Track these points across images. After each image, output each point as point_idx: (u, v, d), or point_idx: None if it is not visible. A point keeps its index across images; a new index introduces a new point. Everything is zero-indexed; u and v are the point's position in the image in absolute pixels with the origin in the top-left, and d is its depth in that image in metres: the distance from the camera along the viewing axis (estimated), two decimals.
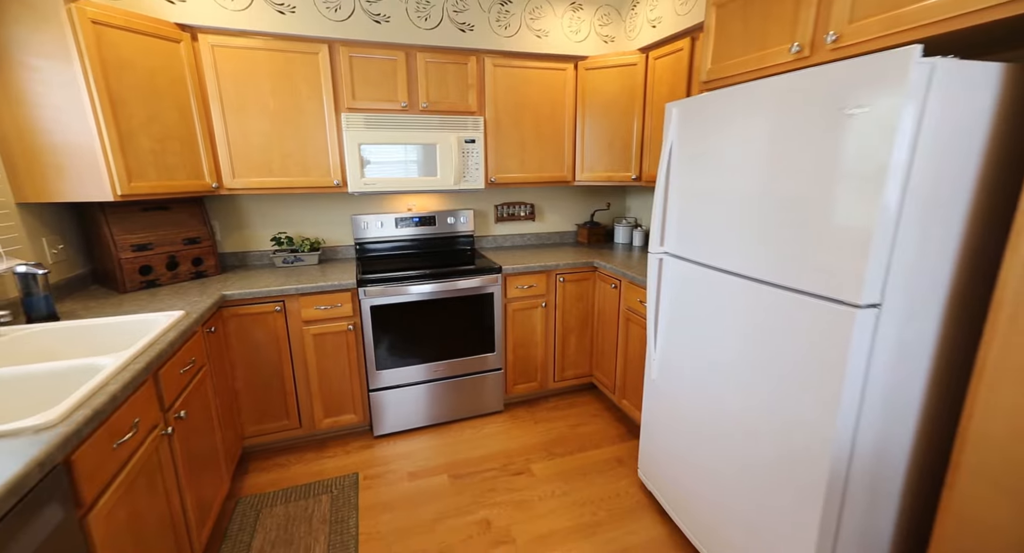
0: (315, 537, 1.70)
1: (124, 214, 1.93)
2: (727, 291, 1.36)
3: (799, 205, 1.12)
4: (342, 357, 2.19)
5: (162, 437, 1.30)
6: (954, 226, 1.01)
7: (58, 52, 1.56)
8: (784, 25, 1.35)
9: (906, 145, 0.92)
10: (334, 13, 2.09)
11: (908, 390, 1.10)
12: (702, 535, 1.54)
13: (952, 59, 0.90)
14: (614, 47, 2.59)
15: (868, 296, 1.00)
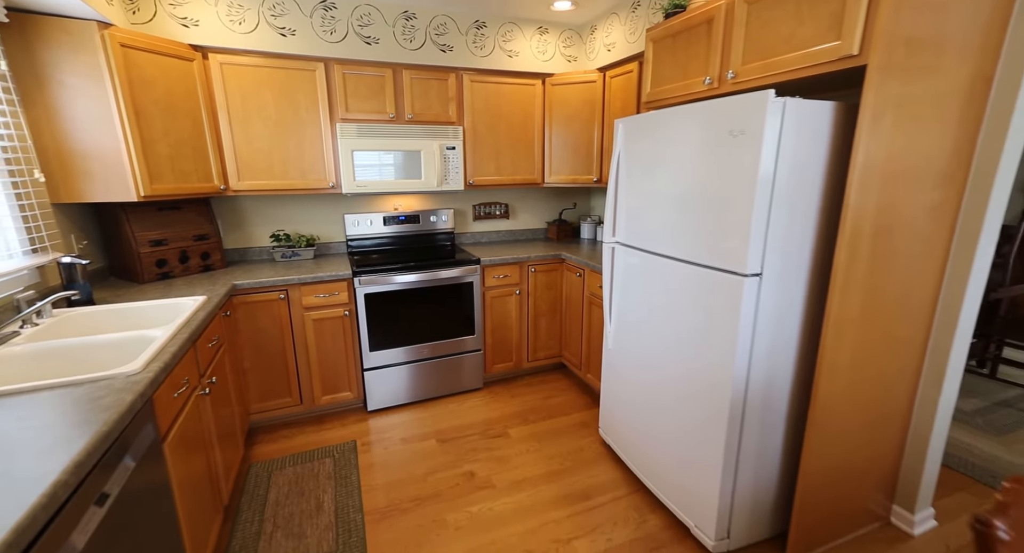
0: (323, 489, 1.98)
1: (142, 213, 2.16)
2: (660, 270, 1.72)
3: (708, 201, 1.48)
4: (339, 340, 2.46)
5: (201, 396, 1.56)
6: (810, 215, 1.39)
7: (92, 72, 1.79)
8: (700, 62, 1.73)
9: (771, 158, 1.30)
10: (330, 35, 2.37)
11: (785, 337, 1.48)
12: (647, 471, 1.90)
13: (797, 99, 1.27)
14: (576, 66, 2.95)
15: (752, 267, 1.37)
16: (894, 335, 1.52)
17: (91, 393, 1.05)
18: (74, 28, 1.73)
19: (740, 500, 1.58)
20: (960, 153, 1.42)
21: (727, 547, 1.61)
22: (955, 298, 1.52)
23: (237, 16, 2.19)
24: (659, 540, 1.69)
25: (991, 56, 1.34)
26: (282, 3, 2.26)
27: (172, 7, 2.08)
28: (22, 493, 0.72)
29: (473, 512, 1.84)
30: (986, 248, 1.47)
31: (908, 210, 1.40)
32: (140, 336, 1.45)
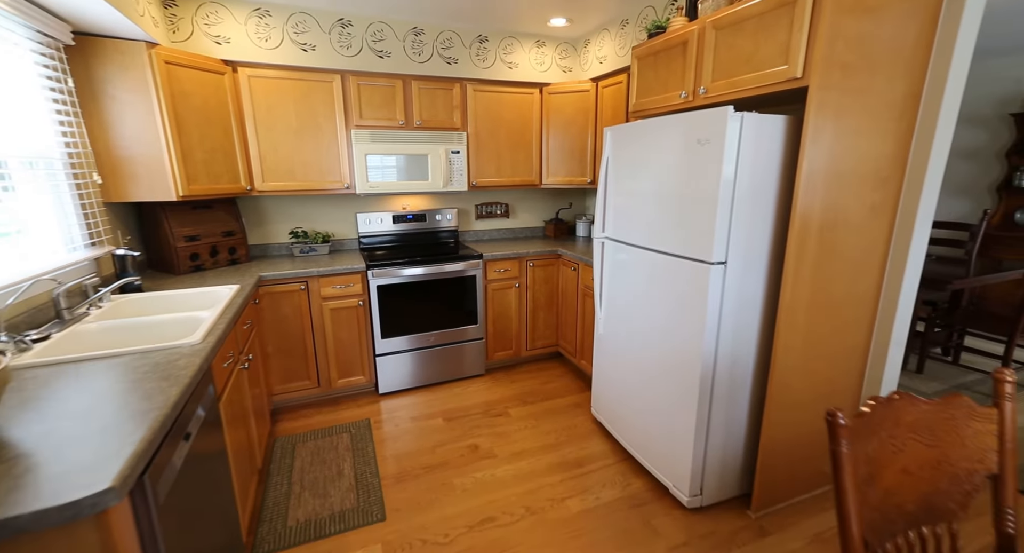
0: (342, 459, 2.21)
1: (178, 211, 2.39)
2: (643, 260, 1.95)
3: (681, 200, 1.71)
4: (353, 328, 2.69)
5: (241, 370, 1.80)
6: (768, 212, 1.62)
7: (140, 87, 2.03)
8: (677, 78, 1.96)
9: (732, 163, 1.53)
10: (346, 50, 2.61)
11: (748, 318, 1.71)
12: (632, 442, 2.13)
13: (753, 113, 1.50)
14: (571, 76, 3.19)
15: (717, 256, 1.60)
16: (843, 318, 1.75)
17: (166, 358, 1.28)
18: (126, 48, 1.97)
19: (711, 463, 1.82)
20: (896, 159, 1.65)
21: (700, 503, 1.84)
22: (895, 285, 1.75)
23: (264, 34, 2.43)
24: (642, 499, 1.92)
25: (918, 77, 1.58)
26: (304, 21, 2.50)
27: (207, 26, 2.32)
28: (142, 421, 0.95)
29: (477, 477, 2.07)
30: (920, 240, 1.70)
31: (851, 209, 1.63)
32: (191, 316, 1.68)
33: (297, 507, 1.89)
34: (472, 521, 1.81)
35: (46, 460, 0.83)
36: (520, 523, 1.80)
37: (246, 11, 2.39)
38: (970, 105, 4.04)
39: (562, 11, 2.66)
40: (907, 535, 0.83)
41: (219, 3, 2.34)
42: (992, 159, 3.92)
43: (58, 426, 0.94)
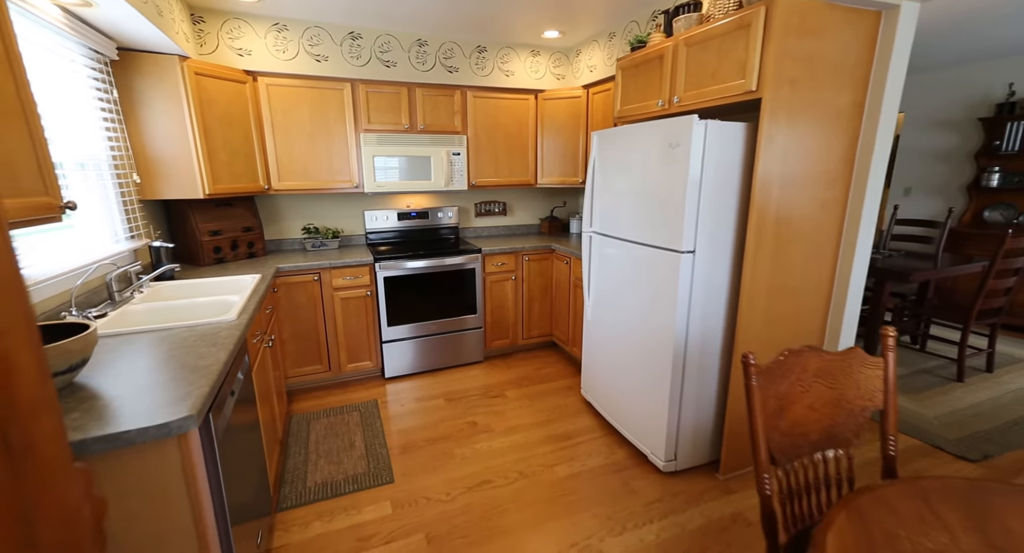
0: (353, 433, 2.43)
1: (203, 208, 2.62)
2: (625, 251, 2.18)
3: (657, 196, 1.94)
4: (362, 316, 2.92)
5: (266, 348, 2.02)
6: (731, 207, 1.84)
7: (173, 96, 2.26)
8: (655, 88, 2.19)
9: (698, 164, 1.75)
10: (356, 60, 2.84)
11: (715, 302, 1.93)
12: (617, 417, 2.36)
13: (716, 121, 1.73)
14: (564, 83, 3.41)
15: (687, 246, 1.83)
16: (800, 302, 1.97)
17: (210, 330, 1.51)
18: (162, 61, 2.20)
19: (683, 432, 2.04)
20: (844, 161, 1.87)
21: (675, 467, 2.07)
22: (846, 273, 1.97)
23: (281, 46, 2.66)
24: (623, 465, 2.14)
25: (861, 89, 1.80)
26: (318, 35, 2.73)
27: (231, 40, 2.55)
28: (203, 374, 1.18)
29: (476, 448, 2.30)
30: (867, 233, 1.93)
31: (804, 205, 1.85)
32: (222, 300, 1.91)
33: (315, 472, 2.11)
34: (471, 483, 2.03)
35: (137, 398, 1.06)
36: (514, 485, 2.02)
37: (266, 26, 2.62)
38: (944, 111, 4.27)
39: (555, 24, 2.89)
40: (812, 457, 1.06)
41: (241, 19, 2.57)
42: (964, 161, 4.14)
43: (137, 377, 1.17)
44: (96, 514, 0.61)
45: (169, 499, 1.03)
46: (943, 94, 4.26)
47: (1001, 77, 3.85)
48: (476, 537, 1.72)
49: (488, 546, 1.68)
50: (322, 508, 1.88)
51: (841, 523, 0.82)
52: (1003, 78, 3.83)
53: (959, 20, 2.97)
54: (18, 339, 0.50)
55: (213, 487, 1.11)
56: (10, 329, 0.48)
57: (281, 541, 1.72)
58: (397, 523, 1.80)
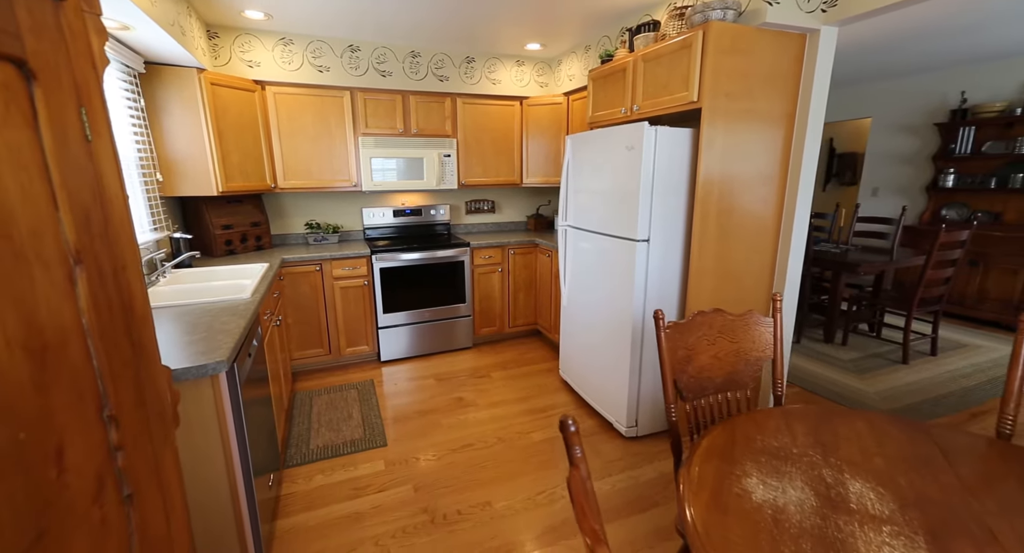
0: (351, 406, 2.70)
1: (216, 205, 2.90)
2: (594, 242, 2.45)
3: (617, 192, 2.21)
4: (359, 304, 3.19)
5: (275, 327, 2.29)
6: (680, 201, 2.12)
7: (191, 104, 2.53)
8: (619, 97, 2.46)
9: (650, 165, 2.03)
10: (355, 71, 3.12)
11: (669, 285, 2.20)
12: (588, 392, 2.62)
13: (665, 127, 2.00)
14: (547, 91, 3.70)
15: (642, 235, 2.10)
16: (744, 286, 2.24)
17: (229, 305, 1.78)
18: (183, 73, 2.48)
19: (643, 402, 2.30)
20: (780, 162, 2.15)
21: (636, 433, 2.33)
22: (783, 261, 2.25)
23: (287, 58, 2.94)
24: (592, 432, 2.41)
25: (791, 99, 2.08)
26: (320, 48, 3.01)
27: (242, 53, 2.83)
28: (228, 335, 1.45)
29: (460, 418, 2.56)
30: (801, 226, 2.20)
31: (745, 200, 2.13)
32: (236, 283, 2.18)
33: (317, 437, 2.38)
34: (454, 446, 2.30)
35: (178, 350, 1.33)
36: (493, 448, 2.28)
37: (273, 40, 2.90)
38: (907, 116, 4.55)
39: (536, 38, 3.17)
40: (716, 396, 1.33)
41: (252, 34, 2.85)
42: (924, 163, 4.42)
43: (175, 337, 1.44)
44: (174, 400, 0.88)
45: (205, 429, 1.30)
46: (905, 101, 4.54)
47: (955, 85, 4.13)
48: (457, 487, 1.99)
49: (467, 493, 1.94)
50: (323, 465, 2.15)
51: (717, 431, 1.09)
52: (957, 86, 4.12)
53: (903, 36, 3.25)
54: (134, 272, 0.77)
55: (236, 424, 1.38)
56: (129, 264, 0.76)
57: (288, 490, 1.99)
58: (389, 477, 2.06)
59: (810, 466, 0.96)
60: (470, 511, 1.84)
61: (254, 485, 1.49)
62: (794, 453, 1.00)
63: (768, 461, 0.98)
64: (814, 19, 1.99)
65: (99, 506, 0.62)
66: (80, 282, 0.62)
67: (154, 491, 0.77)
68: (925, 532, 0.77)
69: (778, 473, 0.94)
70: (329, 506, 1.88)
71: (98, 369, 0.64)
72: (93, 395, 0.63)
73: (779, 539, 0.77)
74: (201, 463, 1.31)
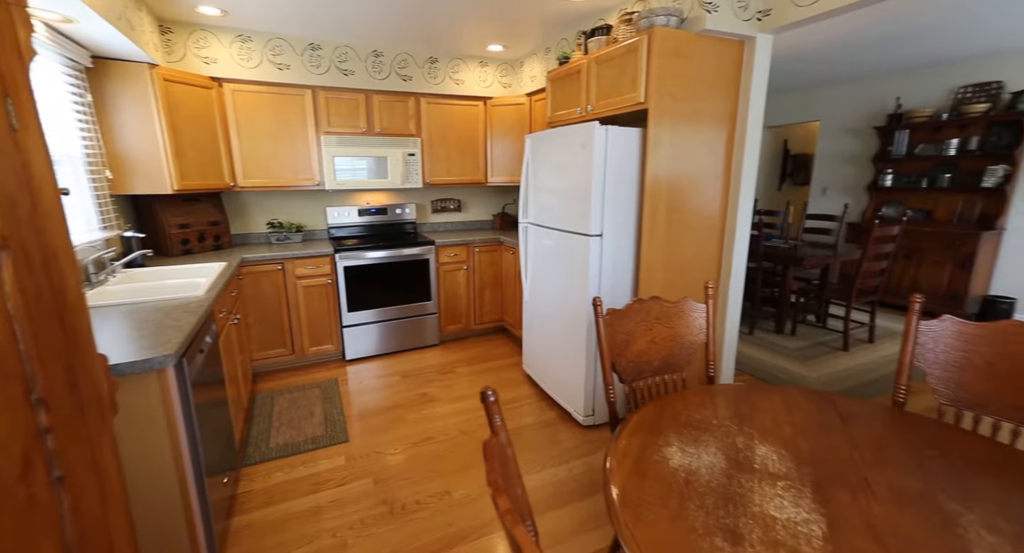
0: (314, 405, 2.69)
1: (171, 203, 2.84)
2: (552, 237, 2.52)
3: (573, 189, 2.29)
4: (323, 302, 3.17)
5: (231, 325, 2.27)
6: (631, 198, 2.21)
7: (142, 99, 2.48)
8: (575, 97, 2.55)
9: (601, 163, 2.11)
10: (316, 69, 3.11)
11: (622, 278, 2.30)
12: (549, 384, 2.70)
13: (615, 127, 2.09)
14: (510, 91, 3.77)
15: (595, 230, 2.18)
16: (692, 278, 2.36)
17: (182, 303, 1.77)
18: (133, 68, 2.42)
19: (599, 391, 2.39)
20: (725, 161, 2.28)
21: (593, 422, 2.42)
22: (728, 254, 2.38)
23: (246, 55, 2.91)
24: (551, 422, 2.48)
25: (733, 101, 2.21)
26: (280, 45, 2.99)
27: (197, 50, 2.78)
28: (178, 331, 1.45)
29: (424, 413, 2.59)
30: (744, 222, 2.33)
31: (692, 197, 2.24)
32: (191, 282, 2.15)
33: (277, 436, 2.37)
34: (416, 440, 2.33)
35: (123, 345, 1.32)
36: (454, 440, 2.33)
37: (231, 37, 2.86)
38: (851, 120, 4.84)
39: (498, 40, 3.23)
40: (654, 378, 1.41)
41: (208, 31, 2.81)
42: (866, 164, 4.71)
43: (121, 333, 1.43)
44: (111, 388, 0.89)
45: (152, 423, 1.29)
46: (849, 105, 4.83)
47: (892, 91, 4.42)
48: (416, 478, 2.02)
49: (426, 484, 1.98)
50: (283, 463, 2.15)
51: (648, 408, 1.17)
52: (893, 92, 4.41)
53: (843, 45, 3.47)
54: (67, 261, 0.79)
55: (186, 420, 1.38)
56: (61, 253, 0.78)
57: (246, 488, 1.98)
58: (349, 471, 2.08)
59: (726, 434, 1.04)
60: (429, 501, 1.88)
61: (206, 482, 1.48)
62: (714, 424, 1.09)
63: (689, 432, 1.06)
64: (750, 27, 2.12)
65: (26, 484, 0.64)
66: (5, 267, 0.64)
67: (88, 475, 0.78)
68: (812, 484, 0.86)
69: (696, 442, 1.02)
70: (288, 501, 1.88)
71: (24, 353, 0.66)
72: (19, 377, 0.65)
73: (687, 496, 0.85)
74: (148, 457, 1.31)
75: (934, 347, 1.19)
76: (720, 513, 0.81)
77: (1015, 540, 0.72)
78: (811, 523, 0.78)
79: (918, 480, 0.87)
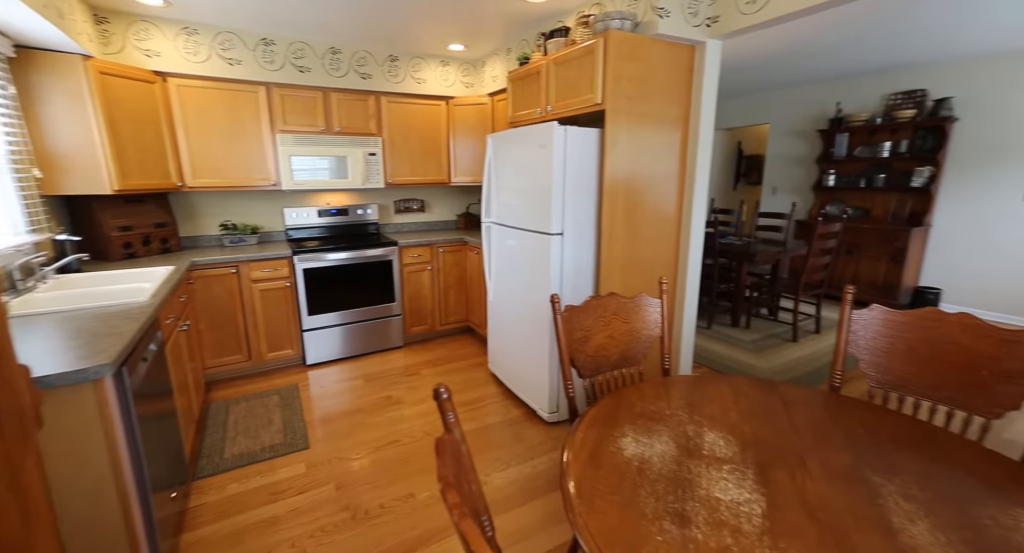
0: (272, 412, 2.60)
1: (111, 204, 2.67)
2: (515, 236, 2.54)
3: (535, 188, 2.31)
4: (282, 306, 3.06)
5: (181, 331, 2.16)
6: (591, 197, 2.26)
7: (75, 93, 2.32)
8: (535, 98, 2.58)
9: (561, 162, 2.14)
10: (270, 65, 3.00)
11: (584, 276, 2.34)
12: (514, 383, 2.71)
13: (573, 127, 2.13)
14: (473, 91, 3.76)
15: (556, 229, 2.21)
16: (650, 275, 2.43)
17: (123, 309, 1.67)
18: (64, 60, 2.26)
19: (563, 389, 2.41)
20: (680, 161, 2.36)
21: (557, 418, 2.45)
22: (685, 251, 2.46)
23: (192, 49, 2.77)
24: (517, 420, 2.50)
25: (686, 104, 2.30)
26: (230, 40, 2.86)
27: (138, 42, 2.63)
28: (118, 338, 1.36)
29: (389, 416, 2.55)
30: (699, 218, 2.43)
31: (650, 196, 2.31)
32: (134, 287, 2.03)
33: (232, 446, 2.27)
34: (380, 444, 2.29)
35: (53, 356, 1.24)
36: (419, 442, 2.30)
37: (175, 29, 2.72)
38: (798, 123, 5.11)
39: (459, 39, 3.22)
40: (612, 372, 1.45)
41: (148, 22, 2.66)
42: (812, 165, 4.99)
43: (51, 344, 1.33)
44: (35, 401, 0.84)
45: (88, 438, 1.21)
46: (795, 109, 5.10)
47: (833, 96, 4.71)
48: (380, 482, 1.99)
49: (389, 488, 1.95)
50: (239, 474, 2.06)
51: (605, 401, 1.20)
52: (834, 97, 4.70)
53: (788, 52, 3.67)
54: None
55: (127, 433, 1.30)
56: None
57: (198, 502, 1.89)
58: (310, 478, 2.02)
59: (677, 423, 1.09)
60: (393, 504, 1.85)
61: (151, 499, 1.41)
62: (667, 414, 1.13)
63: (644, 423, 1.09)
64: (700, 32, 2.21)
65: None
66: None
67: (7, 495, 0.73)
68: (755, 466, 0.91)
69: (650, 432, 1.06)
70: (243, 513, 1.81)
71: None
72: None
73: (639, 483, 0.88)
74: (83, 474, 1.22)
75: (864, 334, 1.28)
76: (669, 498, 0.84)
77: (927, 506, 0.79)
78: (752, 503, 0.82)
79: (848, 457, 0.93)
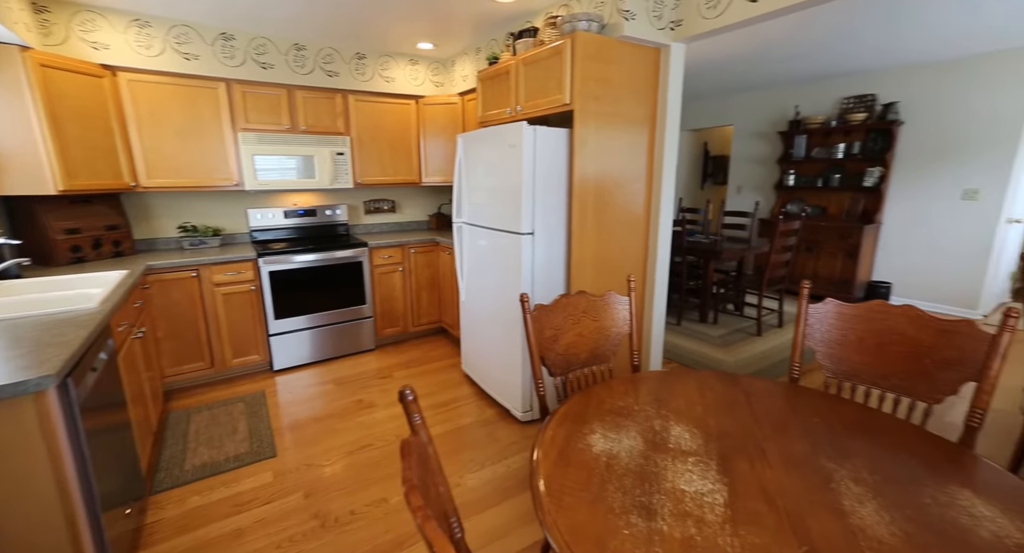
0: (237, 421, 2.50)
1: (56, 205, 2.51)
2: (486, 236, 2.53)
3: (505, 188, 2.31)
4: (247, 310, 2.96)
5: (135, 338, 2.05)
6: (561, 196, 2.27)
7: (12, 87, 2.16)
8: (505, 98, 2.58)
9: (531, 162, 2.15)
10: (230, 61, 2.89)
11: (555, 275, 2.36)
12: (488, 383, 2.70)
13: (542, 127, 2.14)
14: (443, 90, 3.73)
15: (527, 229, 2.22)
16: (619, 274, 2.47)
17: (71, 316, 1.57)
18: None
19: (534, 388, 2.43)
20: (647, 161, 2.41)
21: (531, 417, 2.46)
22: (654, 248, 2.52)
23: (144, 42, 2.64)
24: (491, 420, 2.49)
25: (652, 105, 2.34)
26: (186, 33, 2.74)
27: (83, 33, 2.48)
28: (63, 347, 1.28)
29: (360, 420, 2.50)
30: (667, 217, 2.48)
31: (619, 195, 2.35)
32: (83, 293, 1.92)
33: (194, 457, 2.17)
34: (351, 449, 2.24)
35: None
36: (391, 446, 2.26)
37: (125, 21, 2.59)
38: (760, 124, 5.30)
39: (427, 38, 3.19)
40: (583, 370, 1.46)
41: (95, 12, 2.51)
42: (773, 165, 5.19)
43: None
44: None
45: (30, 455, 1.14)
46: (757, 111, 5.29)
47: (792, 100, 4.91)
48: (351, 488, 1.95)
49: (361, 493, 1.91)
50: (200, 486, 1.97)
51: (575, 398, 1.21)
52: (793, 100, 4.90)
53: (749, 56, 3.80)
54: None
55: (74, 449, 1.23)
56: None
57: (155, 518, 1.80)
58: (277, 487, 1.96)
59: (645, 418, 1.11)
60: (364, 510, 1.81)
61: (102, 517, 1.33)
62: (635, 410, 1.15)
63: (612, 419, 1.11)
64: (665, 35, 2.26)
65: None
66: None
67: None
68: (718, 457, 0.94)
69: (618, 427, 1.07)
70: (206, 526, 1.74)
71: None
72: None
73: (607, 479, 0.89)
74: (25, 494, 1.15)
75: (820, 327, 1.34)
76: (636, 492, 0.85)
77: (875, 488, 0.83)
78: (715, 493, 0.84)
79: (805, 445, 0.97)
